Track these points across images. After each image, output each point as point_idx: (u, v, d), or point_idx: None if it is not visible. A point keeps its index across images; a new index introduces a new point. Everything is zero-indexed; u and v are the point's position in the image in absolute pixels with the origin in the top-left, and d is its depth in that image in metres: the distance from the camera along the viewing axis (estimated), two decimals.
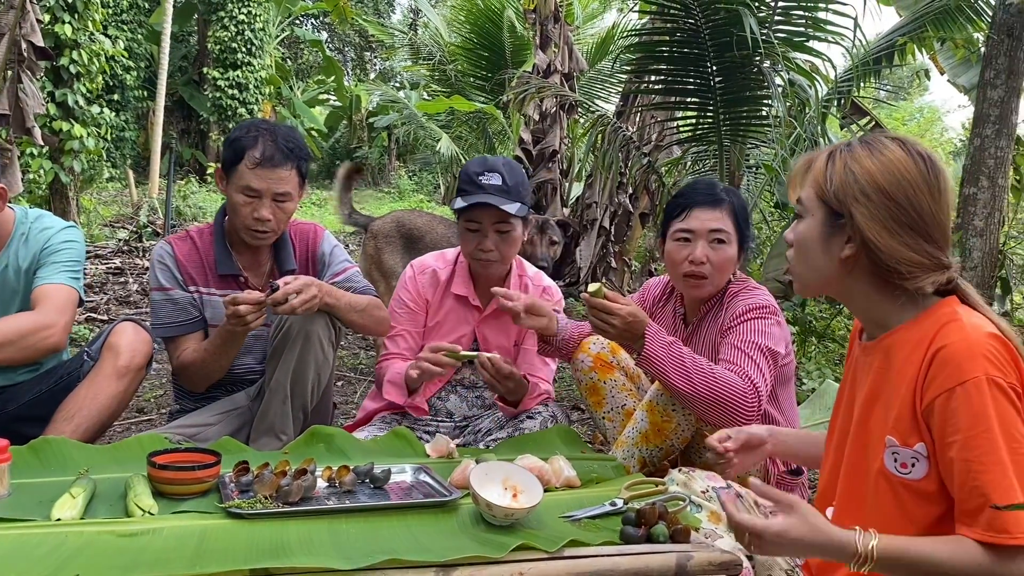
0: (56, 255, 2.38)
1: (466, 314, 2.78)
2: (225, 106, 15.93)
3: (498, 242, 2.62)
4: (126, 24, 15.00)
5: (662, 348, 2.20)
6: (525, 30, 9.90)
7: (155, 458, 1.94)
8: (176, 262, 2.56)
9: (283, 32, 18.17)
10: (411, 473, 2.19)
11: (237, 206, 2.46)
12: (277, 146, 2.43)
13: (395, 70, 23.83)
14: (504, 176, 2.60)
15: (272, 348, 2.48)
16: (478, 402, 2.87)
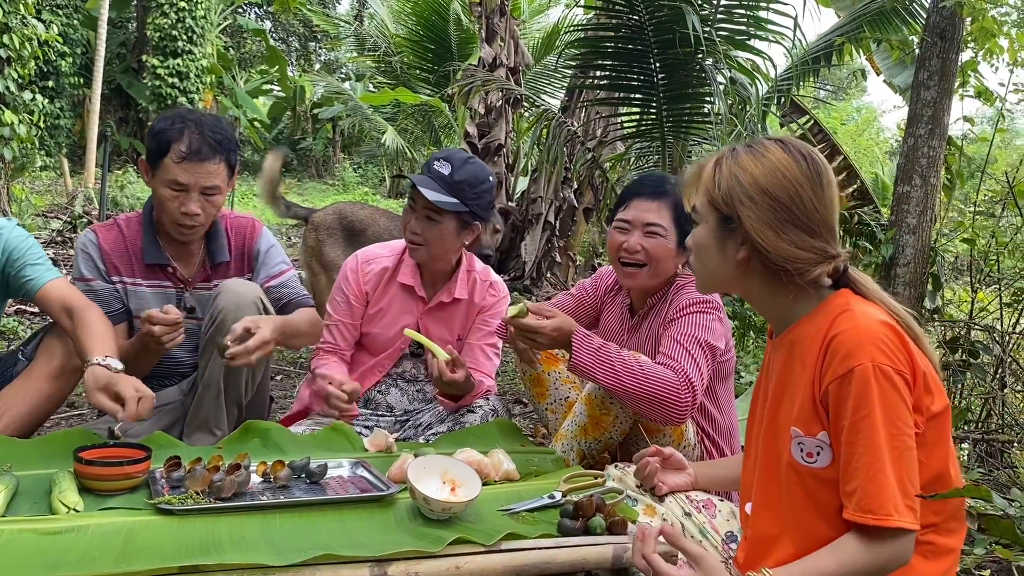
0: (27, 254, 2.30)
1: (410, 304, 2.76)
2: (165, 95, 15.54)
3: (425, 228, 2.60)
4: (61, 9, 14.54)
5: (588, 354, 2.21)
6: (471, 23, 9.88)
7: (82, 453, 1.88)
8: (100, 251, 2.48)
9: (225, 20, 17.80)
10: (348, 468, 2.16)
11: (164, 200, 2.40)
12: (204, 139, 2.36)
13: (340, 61, 23.59)
14: (453, 169, 2.58)
15: (205, 341, 2.42)
16: (419, 396, 2.85)
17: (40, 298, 2.25)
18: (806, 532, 1.51)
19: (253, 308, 2.40)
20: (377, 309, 2.77)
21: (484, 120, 7.59)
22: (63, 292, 2.26)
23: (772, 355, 1.65)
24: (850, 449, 1.42)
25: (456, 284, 2.75)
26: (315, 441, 2.38)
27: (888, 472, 1.38)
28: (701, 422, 2.50)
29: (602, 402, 2.35)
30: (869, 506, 1.39)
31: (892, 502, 1.37)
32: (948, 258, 6.27)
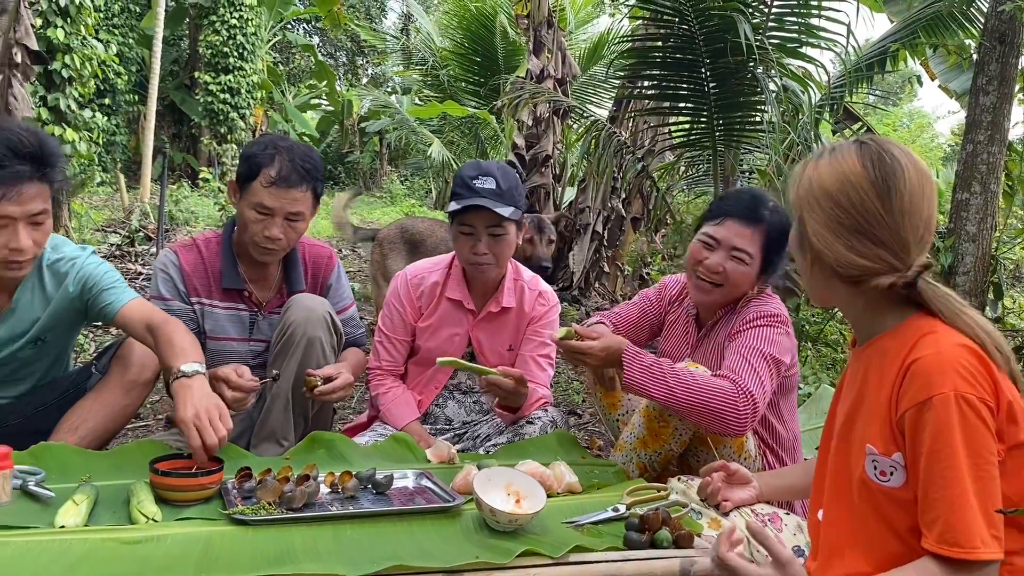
0: (103, 280, 2.35)
1: (460, 317, 2.78)
2: (217, 110, 15.88)
3: (491, 245, 2.62)
4: (117, 28, 14.96)
5: (640, 372, 2.21)
6: (518, 35, 9.92)
7: (157, 464, 1.93)
8: (180, 272, 2.54)
9: (275, 36, 18.13)
10: (413, 479, 2.19)
11: (248, 222, 2.44)
12: (294, 166, 2.40)
13: (387, 75, 23.84)
14: (498, 180, 2.60)
15: (274, 353, 2.48)
16: (476, 407, 2.87)
17: (120, 320, 2.31)
18: (878, 547, 1.49)
19: (322, 323, 2.45)
20: (428, 324, 2.80)
21: (532, 131, 7.60)
22: (142, 311, 2.32)
23: (852, 364, 1.63)
24: (929, 478, 1.38)
25: (503, 293, 2.77)
26: (378, 452, 2.42)
27: (972, 503, 1.34)
28: (763, 435, 2.49)
29: (660, 414, 2.35)
30: (955, 539, 1.34)
31: (979, 535, 1.34)
32: (1008, 266, 6.13)
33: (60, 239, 2.43)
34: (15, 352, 2.35)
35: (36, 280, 2.34)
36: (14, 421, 2.40)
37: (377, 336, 2.83)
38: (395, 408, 2.72)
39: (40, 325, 2.35)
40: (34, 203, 2.13)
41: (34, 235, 2.16)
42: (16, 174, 2.08)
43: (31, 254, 2.17)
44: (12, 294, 2.31)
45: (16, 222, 2.11)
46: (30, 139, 2.15)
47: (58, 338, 2.43)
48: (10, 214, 2.10)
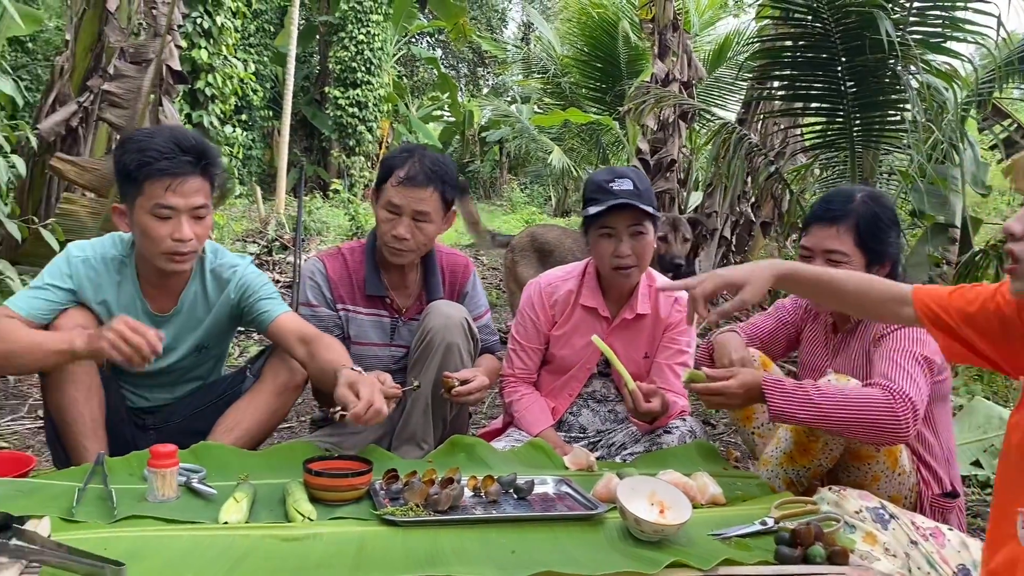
0: (262, 290, 2.46)
1: (595, 325, 2.77)
2: (345, 124, 16.46)
3: (634, 246, 2.60)
4: (253, 48, 15.73)
5: (785, 400, 2.12)
6: (641, 40, 9.85)
7: (310, 465, 2.00)
8: (327, 279, 2.65)
9: (400, 51, 18.64)
10: (553, 485, 2.19)
11: (380, 222, 2.55)
12: (422, 167, 2.49)
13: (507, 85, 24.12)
14: (634, 181, 2.59)
15: (414, 358, 2.54)
16: (610, 416, 2.85)
17: (273, 330, 2.41)
18: None
19: (460, 329, 2.50)
20: (562, 332, 2.79)
21: (656, 136, 7.53)
22: (296, 324, 2.42)
23: None
24: None
25: (638, 300, 2.74)
26: (516, 457, 2.43)
27: None
28: (916, 447, 2.36)
29: (809, 428, 2.26)
30: None
31: None
32: None
33: (219, 246, 2.57)
34: (180, 359, 2.49)
35: (200, 283, 2.47)
36: (175, 421, 2.55)
37: (511, 344, 2.85)
38: (529, 415, 2.73)
39: (203, 329, 2.48)
40: (197, 197, 2.26)
41: (196, 229, 2.27)
42: (181, 166, 2.21)
43: (193, 247, 2.27)
44: (179, 296, 2.45)
45: (180, 214, 2.23)
46: (194, 136, 2.31)
47: (217, 343, 2.57)
48: (174, 205, 2.22)
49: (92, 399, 2.26)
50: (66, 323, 2.24)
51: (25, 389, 3.90)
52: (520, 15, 24.32)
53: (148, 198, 2.22)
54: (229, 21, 8.96)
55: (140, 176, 2.21)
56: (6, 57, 9.06)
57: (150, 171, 2.20)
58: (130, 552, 1.60)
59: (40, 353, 2.14)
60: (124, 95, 5.71)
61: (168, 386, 2.56)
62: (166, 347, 2.43)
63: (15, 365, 2.19)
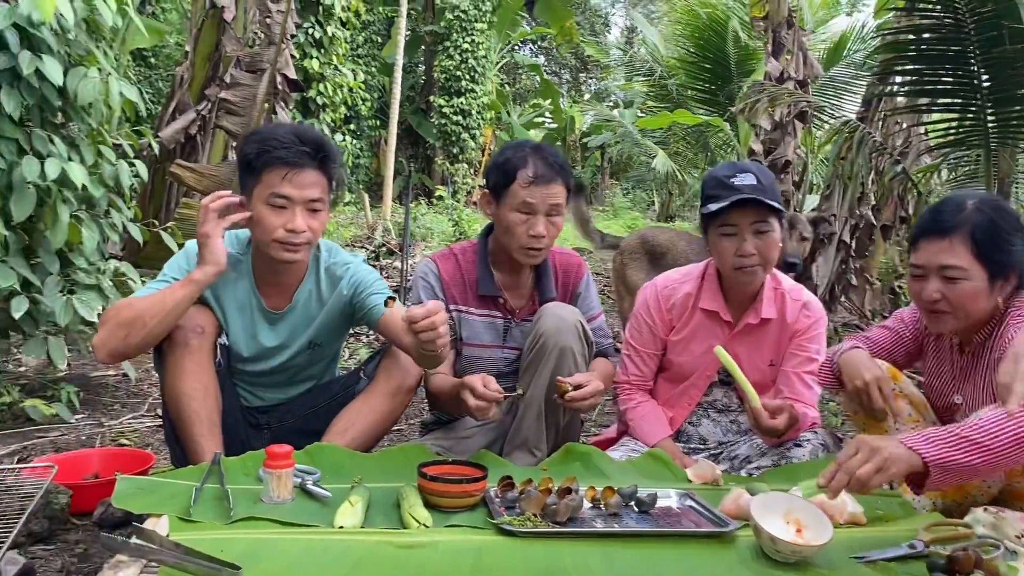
0: (373, 285, 2.43)
1: (715, 330, 2.62)
2: (450, 132, 16.62)
3: (758, 245, 2.44)
4: (361, 58, 16.06)
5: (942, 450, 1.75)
6: (752, 39, 9.56)
7: (425, 469, 1.94)
8: (440, 280, 2.60)
9: (503, 59, 18.73)
10: (676, 499, 2.07)
11: (512, 225, 2.46)
12: (548, 163, 2.43)
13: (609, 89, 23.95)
14: (757, 176, 2.44)
15: (527, 362, 2.45)
16: (733, 427, 2.70)
17: (383, 324, 2.38)
18: None
19: (573, 332, 2.40)
20: (680, 337, 2.66)
21: (770, 136, 7.25)
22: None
23: None
24: None
25: (762, 304, 2.57)
26: (634, 468, 2.32)
27: None
28: None
29: None
30: None
31: None
32: None
33: (333, 244, 2.56)
34: (293, 357, 2.48)
35: (314, 280, 2.47)
36: (289, 421, 2.54)
37: (625, 349, 2.73)
38: (646, 424, 2.60)
39: (315, 326, 2.47)
40: (313, 190, 2.26)
41: (310, 222, 2.27)
42: (299, 156, 2.22)
43: (306, 239, 2.26)
44: (293, 293, 2.44)
45: (295, 204, 2.24)
46: (314, 132, 2.33)
47: (330, 341, 2.55)
48: (290, 195, 2.23)
49: (208, 398, 2.27)
50: (184, 322, 2.25)
51: (145, 388, 4.02)
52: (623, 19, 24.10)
53: (265, 187, 2.23)
54: (339, 31, 9.14)
55: (259, 164, 2.23)
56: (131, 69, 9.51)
57: (268, 159, 2.22)
58: (246, 554, 1.57)
59: (166, 303, 2.17)
60: (240, 103, 5.87)
61: (282, 385, 2.55)
62: (281, 344, 2.45)
63: (148, 321, 2.16)
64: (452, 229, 11.98)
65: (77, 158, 3.38)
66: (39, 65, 3.06)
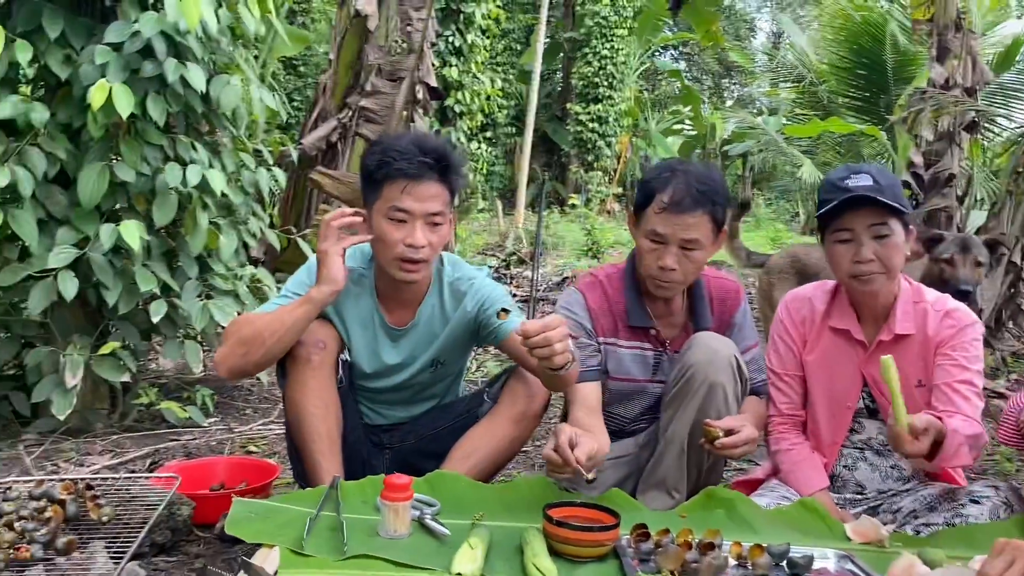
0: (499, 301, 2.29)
1: (848, 352, 2.33)
2: (585, 139, 16.50)
3: (877, 250, 2.15)
4: (499, 66, 16.16)
5: None
6: (913, 44, 8.95)
7: (551, 511, 1.79)
8: (588, 311, 2.40)
9: (642, 64, 18.43)
10: (835, 561, 1.84)
11: (643, 253, 2.27)
12: (688, 189, 2.18)
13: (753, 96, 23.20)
14: (874, 176, 2.16)
15: (671, 395, 2.25)
16: (894, 473, 2.38)
17: (509, 343, 2.24)
18: None
19: (727, 367, 2.17)
20: (812, 358, 2.38)
21: (932, 148, 6.72)
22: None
23: None
24: None
25: (895, 319, 2.26)
26: (785, 519, 2.08)
27: None
28: None
29: None
30: None
31: None
32: None
33: (457, 258, 2.45)
34: (416, 375, 2.38)
35: (437, 296, 2.36)
36: (411, 441, 2.45)
37: (769, 377, 2.47)
38: (800, 472, 2.33)
39: (439, 344, 2.36)
40: (433, 203, 2.15)
41: (430, 236, 2.16)
42: (418, 168, 2.12)
43: (426, 255, 2.16)
44: (416, 309, 2.35)
45: (414, 218, 2.13)
46: (438, 141, 2.21)
47: (454, 360, 2.44)
48: (409, 208, 2.12)
49: (330, 415, 2.20)
50: (307, 338, 2.18)
51: (276, 394, 4.04)
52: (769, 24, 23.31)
53: (385, 200, 2.15)
54: (479, 39, 9.17)
55: (379, 176, 2.15)
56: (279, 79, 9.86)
57: (388, 171, 2.13)
58: None
59: (286, 317, 2.12)
60: (380, 111, 5.91)
61: (405, 403, 2.46)
62: (403, 362, 2.36)
63: (267, 339, 2.11)
64: (584, 238, 11.83)
65: (218, 165, 3.43)
66: (184, 72, 3.10)
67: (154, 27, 3.04)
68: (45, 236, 3.09)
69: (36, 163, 3.00)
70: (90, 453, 3.11)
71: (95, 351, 3.23)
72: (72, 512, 2.03)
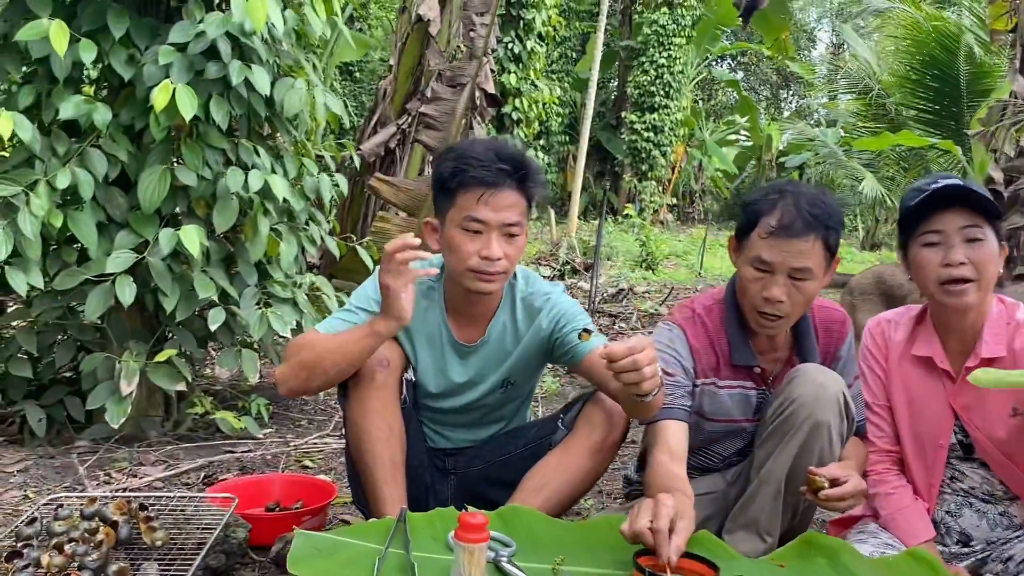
0: (576, 320, 2.15)
1: (933, 383, 2.12)
2: (640, 148, 16.28)
3: (971, 255, 1.96)
4: (555, 74, 16.03)
5: None
6: (990, 55, 8.61)
7: (642, 559, 1.62)
8: (689, 349, 2.17)
9: (699, 74, 18.16)
10: None
11: (746, 282, 2.06)
12: (798, 212, 1.96)
13: (811, 107, 22.75)
14: (964, 182, 1.98)
15: (769, 431, 2.05)
16: (1003, 520, 2.17)
17: (586, 365, 2.09)
18: None
19: (834, 405, 1.96)
20: (895, 390, 2.19)
21: (1012, 164, 6.40)
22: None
23: None
24: None
25: (982, 342, 2.05)
26: (892, 571, 1.88)
27: None
28: None
29: None
30: None
31: None
32: None
33: (531, 272, 2.30)
34: (484, 396, 2.24)
35: (509, 312, 2.22)
36: (477, 467, 2.30)
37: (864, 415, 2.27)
38: (904, 521, 2.12)
39: (510, 363, 2.22)
40: (510, 212, 2.02)
41: (506, 248, 2.03)
42: (496, 176, 1.99)
43: (502, 268, 2.03)
44: (487, 325, 2.21)
45: (490, 229, 2.01)
46: (513, 148, 2.10)
47: (524, 380, 2.29)
48: (485, 219, 2.00)
49: (393, 438, 2.06)
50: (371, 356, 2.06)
51: (333, 405, 3.94)
52: (829, 35, 22.83)
53: (459, 210, 2.02)
54: (538, 46, 9.01)
55: (453, 184, 2.02)
56: (337, 83, 9.83)
57: (464, 179, 2.00)
58: None
59: (349, 347, 2.00)
60: (439, 117, 5.80)
61: (471, 426, 2.32)
62: (471, 381, 2.22)
63: (328, 368, 2.01)
64: (639, 249, 11.62)
65: (280, 170, 3.33)
66: (248, 75, 3.01)
67: (219, 28, 2.95)
68: (104, 239, 3.01)
69: (97, 165, 2.94)
70: (143, 464, 3.03)
71: (151, 358, 3.14)
72: (125, 535, 1.93)
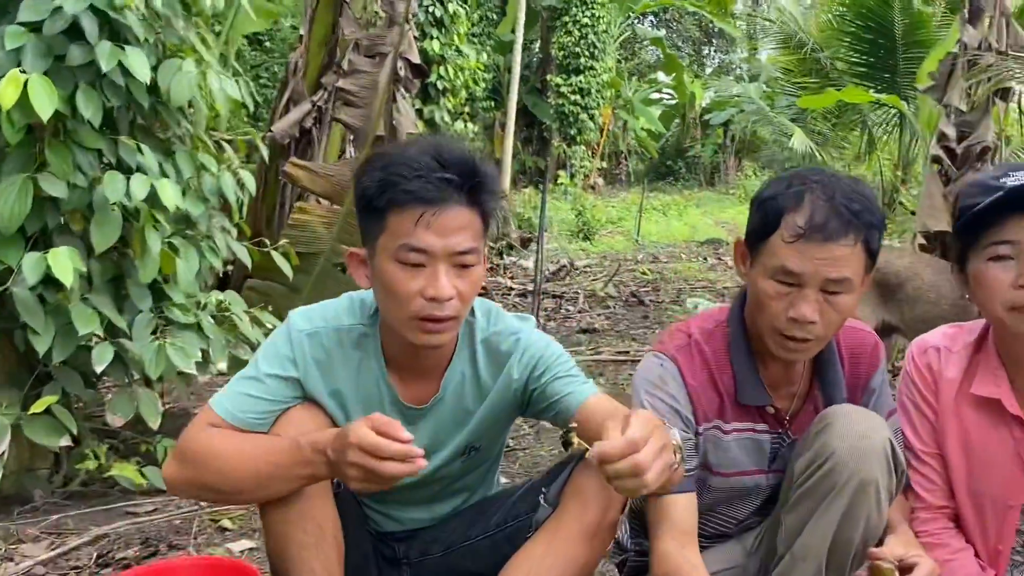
0: (557, 366, 1.69)
1: (1000, 433, 1.70)
2: (567, 112, 15.87)
3: None
4: (476, 37, 15.38)
5: None
6: (925, 4, 8.40)
7: None
8: (686, 389, 1.71)
9: (622, 33, 17.76)
10: None
11: (765, 299, 1.60)
12: (833, 208, 1.53)
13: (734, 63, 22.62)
14: None
15: (800, 492, 1.62)
16: None
17: (578, 419, 1.60)
18: None
19: (880, 456, 1.53)
20: (949, 437, 1.76)
21: (964, 119, 6.16)
22: (610, 407, 1.58)
23: None
24: None
25: None
26: None
27: None
28: None
29: None
30: None
31: None
32: None
33: (492, 305, 1.78)
34: (441, 467, 1.74)
35: (469, 360, 1.71)
36: (436, 553, 1.82)
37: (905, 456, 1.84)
38: None
39: (472, 425, 1.73)
40: (460, 237, 1.51)
41: (458, 284, 1.53)
42: (439, 189, 1.48)
43: (453, 310, 1.53)
44: (440, 379, 1.70)
45: (435, 260, 1.50)
46: (460, 149, 1.55)
47: (491, 442, 1.81)
48: (427, 247, 1.49)
49: (324, 542, 1.56)
50: (287, 431, 1.56)
51: None
52: None
53: (392, 236, 1.49)
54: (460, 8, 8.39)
55: (382, 203, 1.49)
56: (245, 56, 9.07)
57: (396, 196, 1.47)
58: None
59: (260, 475, 1.50)
60: (359, 92, 5.24)
61: (426, 502, 1.82)
62: (424, 451, 1.70)
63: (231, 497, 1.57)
64: (575, 219, 11.25)
65: (172, 170, 2.78)
66: (122, 58, 2.45)
67: (81, 1, 2.38)
68: None
69: None
70: (22, 540, 2.49)
71: (29, 404, 2.60)
72: None
